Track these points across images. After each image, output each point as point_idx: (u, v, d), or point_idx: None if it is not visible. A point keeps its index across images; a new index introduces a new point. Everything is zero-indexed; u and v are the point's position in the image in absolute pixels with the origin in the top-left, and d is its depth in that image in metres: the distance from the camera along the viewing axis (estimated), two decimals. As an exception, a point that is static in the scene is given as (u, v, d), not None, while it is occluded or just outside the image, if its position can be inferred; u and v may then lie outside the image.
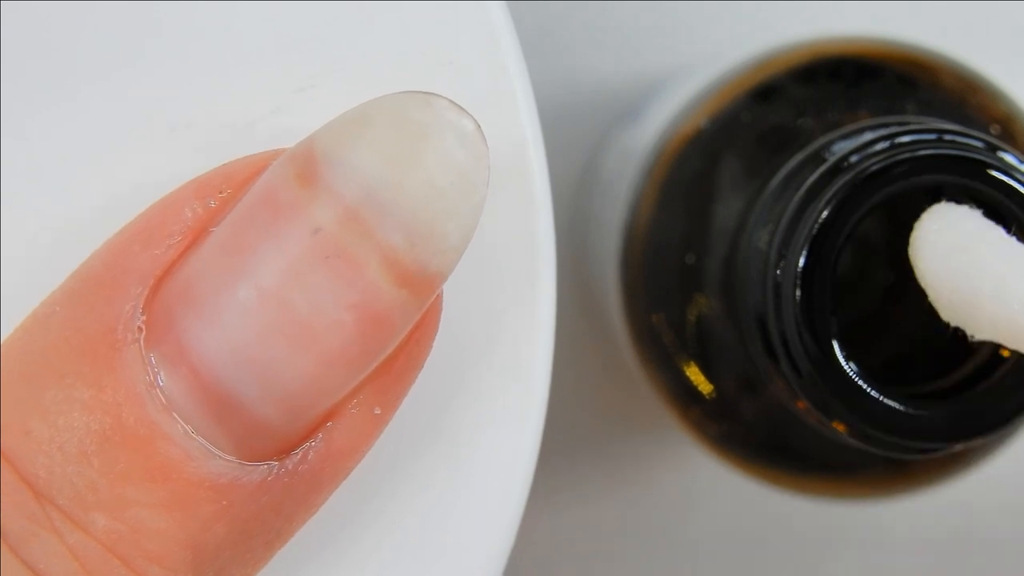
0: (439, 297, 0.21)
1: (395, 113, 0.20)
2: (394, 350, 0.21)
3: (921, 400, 0.25)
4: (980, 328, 0.23)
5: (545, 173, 0.23)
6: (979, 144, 0.25)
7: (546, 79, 0.38)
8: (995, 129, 0.29)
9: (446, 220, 0.20)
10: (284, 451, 0.21)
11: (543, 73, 0.38)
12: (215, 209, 0.21)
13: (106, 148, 0.23)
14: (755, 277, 0.26)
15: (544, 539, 0.39)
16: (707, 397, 0.30)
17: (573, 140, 0.38)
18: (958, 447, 0.26)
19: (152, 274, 0.21)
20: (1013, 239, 0.24)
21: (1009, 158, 0.25)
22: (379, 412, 0.21)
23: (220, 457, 0.20)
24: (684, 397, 0.31)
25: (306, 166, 0.20)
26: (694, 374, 0.30)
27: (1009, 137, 0.29)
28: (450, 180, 0.20)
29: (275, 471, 0.21)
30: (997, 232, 0.24)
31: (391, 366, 0.21)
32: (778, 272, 0.25)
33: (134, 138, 0.23)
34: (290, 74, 0.23)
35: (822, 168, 0.25)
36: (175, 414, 0.20)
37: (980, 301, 0.23)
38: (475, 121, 0.20)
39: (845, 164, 0.25)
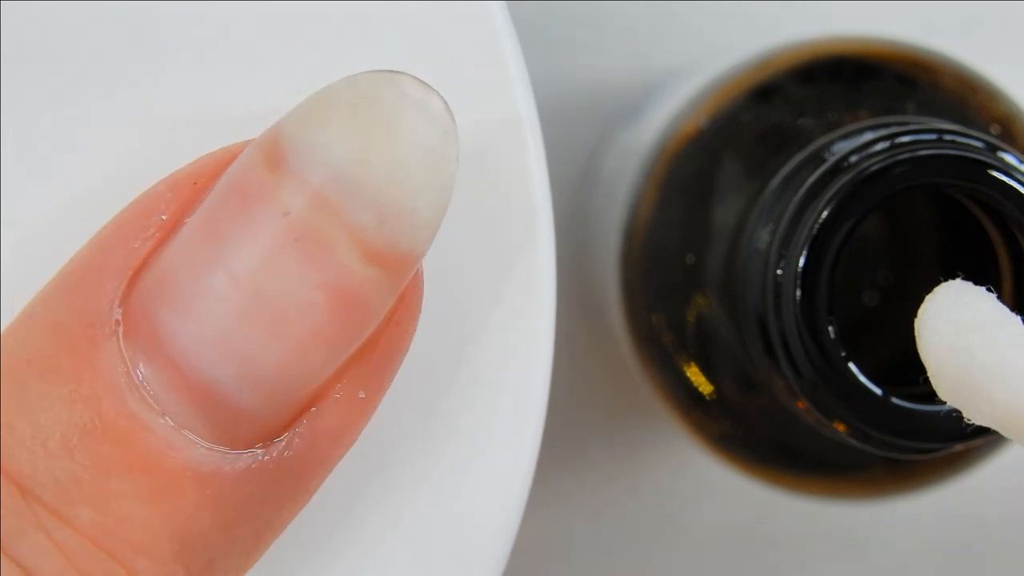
0: (419, 279, 0.21)
1: (360, 93, 0.20)
2: (374, 332, 0.21)
3: (921, 400, 0.25)
4: (978, 411, 0.22)
5: (545, 173, 0.23)
6: (979, 144, 0.25)
7: (546, 79, 0.38)
8: (995, 129, 0.29)
9: (415, 197, 0.20)
10: (268, 438, 0.21)
11: (543, 73, 0.38)
12: (188, 200, 0.21)
13: (105, 148, 0.23)
14: (755, 277, 0.26)
15: (544, 539, 0.39)
16: (707, 397, 0.30)
17: (573, 140, 0.38)
18: (958, 447, 0.26)
19: (129, 268, 0.21)
20: None
21: (1009, 158, 0.25)
22: (364, 396, 0.21)
23: (202, 446, 0.20)
24: (684, 397, 0.31)
25: (273, 151, 0.20)
26: (694, 374, 0.30)
27: (1009, 137, 0.29)
28: (418, 157, 0.20)
29: (260, 459, 0.21)
30: (1011, 318, 0.23)
31: (372, 348, 0.21)
32: (778, 272, 0.25)
33: (133, 138, 0.23)
34: (289, 74, 0.23)
35: (822, 168, 0.25)
36: (155, 405, 0.20)
37: (981, 382, 0.22)
38: (441, 97, 0.20)
39: (845, 164, 0.25)
